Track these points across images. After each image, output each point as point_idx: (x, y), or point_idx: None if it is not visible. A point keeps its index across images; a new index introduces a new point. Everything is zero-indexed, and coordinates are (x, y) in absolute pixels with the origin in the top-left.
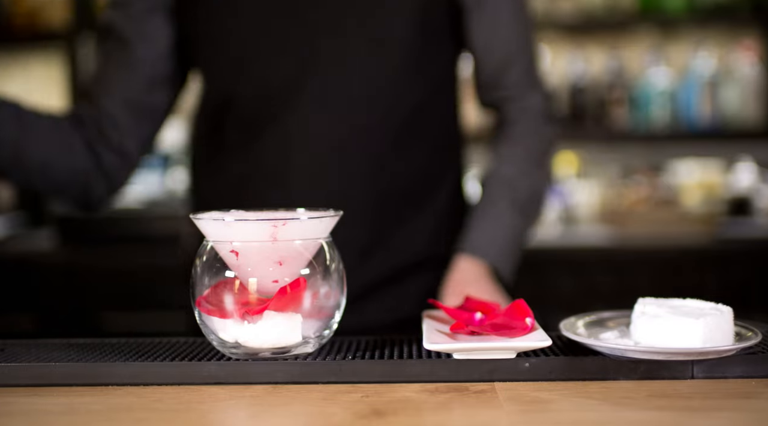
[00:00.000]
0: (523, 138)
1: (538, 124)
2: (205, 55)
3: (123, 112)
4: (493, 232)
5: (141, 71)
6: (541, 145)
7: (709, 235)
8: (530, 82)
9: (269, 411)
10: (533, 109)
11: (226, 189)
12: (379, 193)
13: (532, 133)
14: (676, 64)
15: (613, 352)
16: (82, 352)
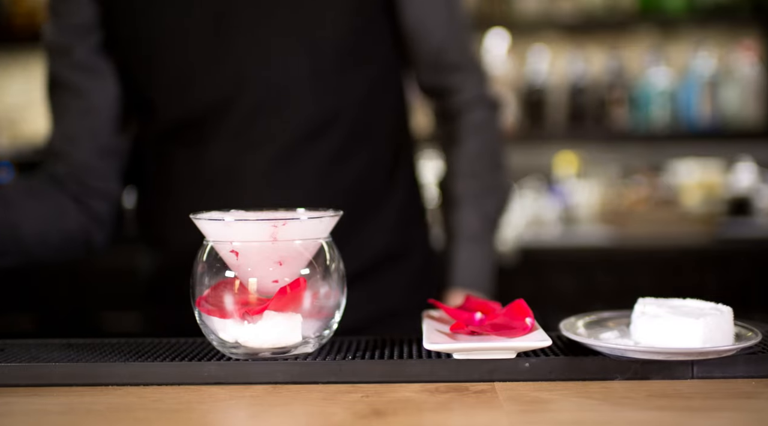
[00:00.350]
0: (474, 137)
1: (483, 115)
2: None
3: (97, 159)
4: (480, 262)
5: (102, 116)
6: (492, 139)
7: (709, 235)
8: (468, 64)
9: (269, 411)
10: (474, 99)
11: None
12: (333, 192)
13: (480, 129)
14: (676, 64)
15: (613, 352)
16: (82, 352)
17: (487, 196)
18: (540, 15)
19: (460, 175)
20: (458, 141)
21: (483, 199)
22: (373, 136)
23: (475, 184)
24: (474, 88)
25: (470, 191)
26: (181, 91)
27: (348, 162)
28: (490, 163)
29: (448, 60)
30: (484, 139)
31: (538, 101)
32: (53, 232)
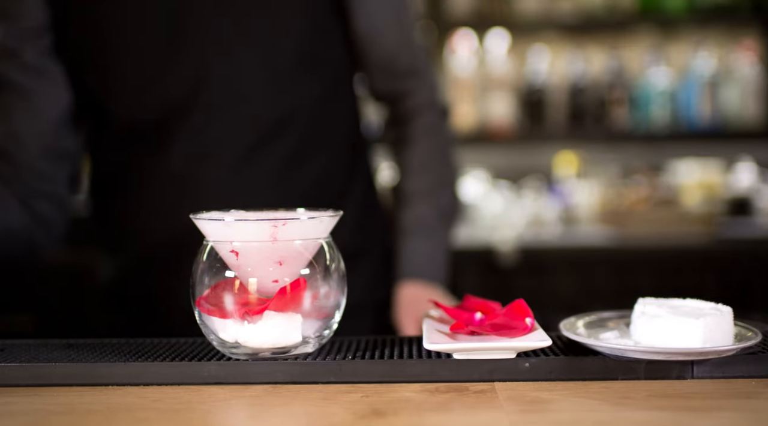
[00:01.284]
0: (425, 138)
1: (434, 119)
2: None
3: (43, 161)
4: (431, 253)
5: (48, 118)
6: (443, 142)
7: (709, 235)
8: (420, 69)
9: (269, 411)
10: (426, 103)
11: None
12: (289, 197)
13: (431, 131)
14: (676, 64)
15: (613, 352)
16: (82, 352)
17: (438, 190)
18: (540, 15)
19: (412, 173)
20: (410, 142)
21: (435, 193)
22: (329, 139)
23: (426, 179)
24: (425, 93)
25: (422, 186)
26: (136, 95)
27: (304, 165)
28: (441, 162)
29: (400, 65)
30: (435, 141)
31: (538, 101)
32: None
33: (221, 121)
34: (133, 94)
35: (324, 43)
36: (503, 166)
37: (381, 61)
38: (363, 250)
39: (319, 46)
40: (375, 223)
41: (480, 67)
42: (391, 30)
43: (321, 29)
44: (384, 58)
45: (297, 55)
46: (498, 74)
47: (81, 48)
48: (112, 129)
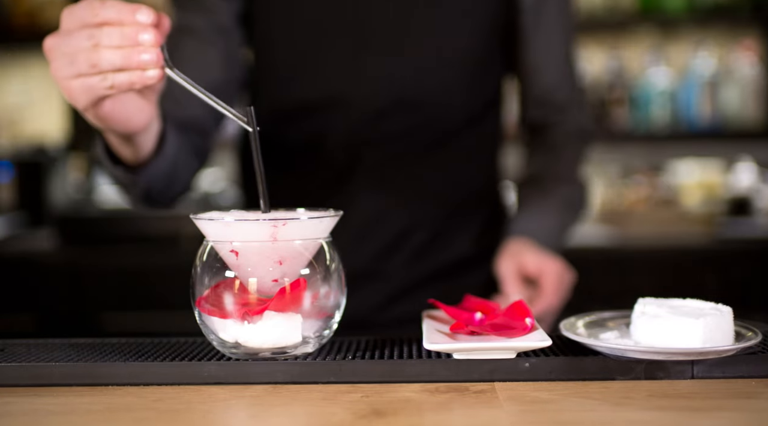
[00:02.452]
0: (563, 144)
1: (576, 136)
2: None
3: (208, 116)
4: (542, 222)
5: (224, 77)
6: (578, 153)
7: (709, 235)
8: (574, 100)
9: (269, 411)
10: (573, 131)
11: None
12: (442, 196)
13: (570, 141)
14: (676, 64)
15: (613, 352)
16: (82, 352)
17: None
18: None
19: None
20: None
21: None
22: (480, 151)
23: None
24: (574, 121)
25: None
26: (306, 79)
27: (454, 172)
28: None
29: (555, 100)
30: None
31: None
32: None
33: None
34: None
35: (492, 63)
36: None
37: (540, 93)
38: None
39: (488, 64)
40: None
41: None
42: (557, 65)
43: (487, 53)
44: (543, 90)
45: (465, 71)
46: None
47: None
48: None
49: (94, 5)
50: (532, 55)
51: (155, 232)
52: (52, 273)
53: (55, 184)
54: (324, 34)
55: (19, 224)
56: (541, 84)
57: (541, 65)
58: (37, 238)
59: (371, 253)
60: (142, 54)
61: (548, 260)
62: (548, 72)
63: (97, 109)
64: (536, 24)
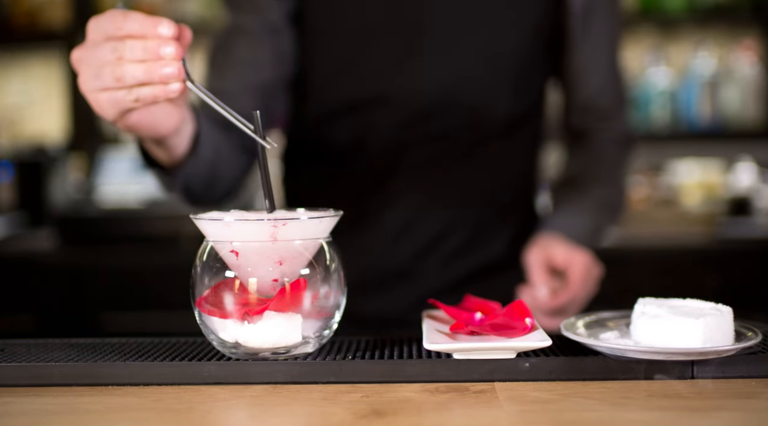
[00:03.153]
0: (604, 148)
1: (617, 142)
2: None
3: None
4: (575, 220)
5: (268, 74)
6: (619, 158)
7: (709, 235)
8: (618, 107)
9: (269, 411)
10: (616, 130)
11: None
12: (481, 198)
13: (611, 146)
14: (676, 64)
15: (613, 352)
16: (82, 352)
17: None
18: None
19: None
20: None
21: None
22: (517, 157)
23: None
24: (616, 127)
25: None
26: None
27: (488, 176)
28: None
29: (599, 106)
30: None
31: None
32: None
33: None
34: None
35: (537, 65)
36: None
37: (584, 99)
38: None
39: (534, 67)
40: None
41: None
42: (604, 71)
43: (537, 53)
44: (588, 96)
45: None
46: None
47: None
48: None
49: (117, 18)
50: (579, 60)
51: (155, 232)
52: (52, 273)
53: (55, 184)
54: (371, 34)
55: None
56: (587, 90)
57: (587, 71)
58: (37, 238)
59: (408, 254)
60: (164, 68)
61: (576, 252)
62: (594, 78)
63: (125, 120)
64: (585, 29)
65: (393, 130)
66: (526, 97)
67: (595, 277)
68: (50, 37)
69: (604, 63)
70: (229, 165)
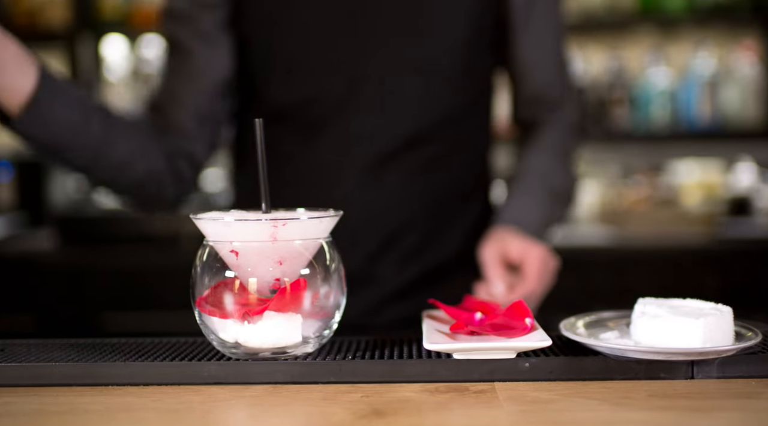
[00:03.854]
0: (551, 137)
1: (566, 132)
2: (257, 64)
3: (192, 122)
4: (528, 211)
5: (207, 82)
6: (568, 146)
7: (709, 235)
8: (568, 98)
9: (269, 411)
10: (565, 121)
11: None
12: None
13: (559, 135)
14: (676, 64)
15: (613, 352)
16: (82, 352)
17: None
18: None
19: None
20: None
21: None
22: (467, 147)
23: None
24: (565, 118)
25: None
26: (296, 79)
27: (441, 170)
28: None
29: (547, 98)
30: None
31: None
32: (136, 166)
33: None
34: (292, 77)
35: (480, 60)
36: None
37: (532, 91)
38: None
39: (476, 62)
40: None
41: None
42: (549, 63)
43: (479, 48)
44: (536, 88)
45: (451, 69)
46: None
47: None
48: (265, 107)
49: None
50: (524, 52)
51: (155, 232)
52: (52, 273)
53: (55, 184)
54: (311, 33)
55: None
56: (534, 82)
57: (532, 63)
58: (37, 238)
59: (362, 257)
60: None
61: (532, 246)
62: (540, 70)
63: None
64: (527, 22)
65: (337, 132)
66: (470, 91)
67: (551, 270)
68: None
69: (549, 55)
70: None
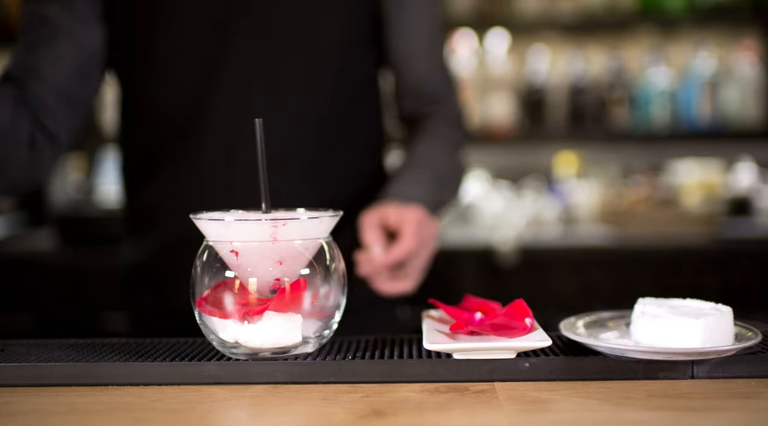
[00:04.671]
0: (438, 129)
1: (451, 124)
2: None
3: (56, 100)
4: (413, 190)
5: (75, 63)
6: (454, 138)
7: (709, 235)
8: (448, 91)
9: (269, 411)
10: (448, 113)
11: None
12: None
13: (443, 125)
14: (676, 64)
15: (613, 352)
16: (82, 352)
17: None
18: (540, 15)
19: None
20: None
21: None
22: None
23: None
24: (448, 110)
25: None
26: (172, 81)
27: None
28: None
29: (428, 89)
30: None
31: (538, 101)
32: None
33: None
34: (170, 79)
35: (359, 50)
36: (503, 166)
37: (410, 83)
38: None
39: (355, 52)
40: None
41: (480, 67)
42: (423, 55)
43: (357, 37)
44: (413, 80)
45: (333, 57)
46: (498, 74)
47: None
48: (144, 114)
49: None
50: (400, 43)
51: None
52: (52, 273)
53: (55, 184)
54: (182, 30)
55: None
56: (413, 73)
57: (409, 53)
58: (37, 238)
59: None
60: None
61: (408, 209)
62: (418, 60)
63: None
64: (398, 10)
65: (221, 133)
66: (350, 86)
67: (431, 233)
68: None
69: (425, 45)
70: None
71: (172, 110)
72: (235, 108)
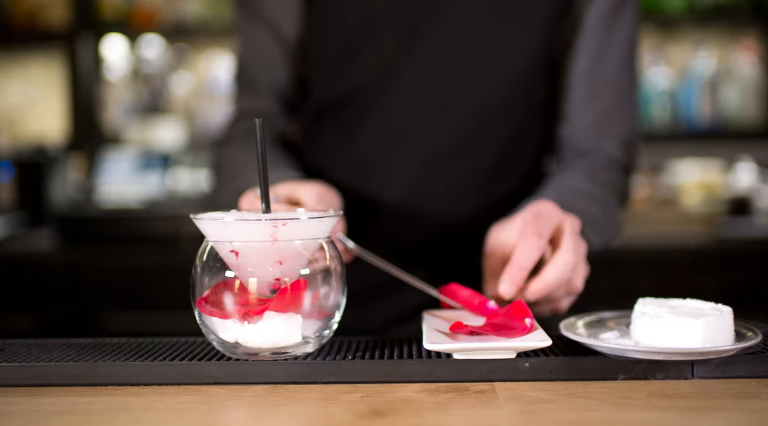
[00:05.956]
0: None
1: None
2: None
3: (278, 108)
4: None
5: (294, 70)
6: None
7: (709, 235)
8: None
9: (269, 411)
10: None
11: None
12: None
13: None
14: (676, 64)
15: (613, 352)
16: (82, 352)
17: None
18: None
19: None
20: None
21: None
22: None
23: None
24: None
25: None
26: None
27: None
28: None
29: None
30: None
31: None
32: None
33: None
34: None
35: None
36: None
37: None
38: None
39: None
40: None
41: None
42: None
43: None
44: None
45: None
46: None
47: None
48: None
49: None
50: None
51: (155, 232)
52: (52, 273)
53: (55, 184)
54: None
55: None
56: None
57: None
58: (37, 238)
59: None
60: None
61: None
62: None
63: None
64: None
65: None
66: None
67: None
68: (50, 37)
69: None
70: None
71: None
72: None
